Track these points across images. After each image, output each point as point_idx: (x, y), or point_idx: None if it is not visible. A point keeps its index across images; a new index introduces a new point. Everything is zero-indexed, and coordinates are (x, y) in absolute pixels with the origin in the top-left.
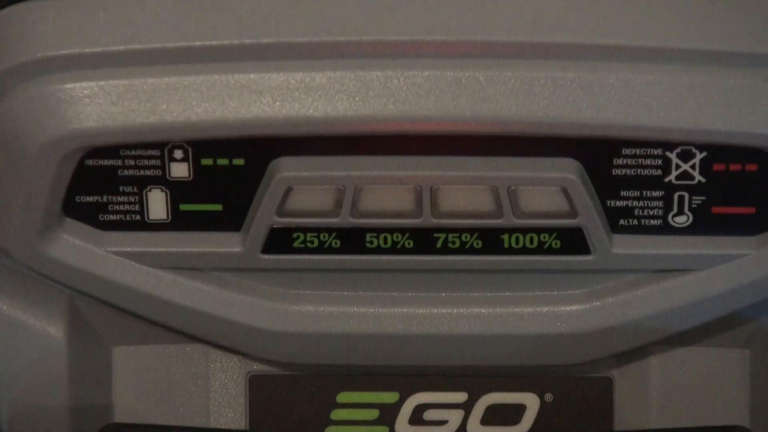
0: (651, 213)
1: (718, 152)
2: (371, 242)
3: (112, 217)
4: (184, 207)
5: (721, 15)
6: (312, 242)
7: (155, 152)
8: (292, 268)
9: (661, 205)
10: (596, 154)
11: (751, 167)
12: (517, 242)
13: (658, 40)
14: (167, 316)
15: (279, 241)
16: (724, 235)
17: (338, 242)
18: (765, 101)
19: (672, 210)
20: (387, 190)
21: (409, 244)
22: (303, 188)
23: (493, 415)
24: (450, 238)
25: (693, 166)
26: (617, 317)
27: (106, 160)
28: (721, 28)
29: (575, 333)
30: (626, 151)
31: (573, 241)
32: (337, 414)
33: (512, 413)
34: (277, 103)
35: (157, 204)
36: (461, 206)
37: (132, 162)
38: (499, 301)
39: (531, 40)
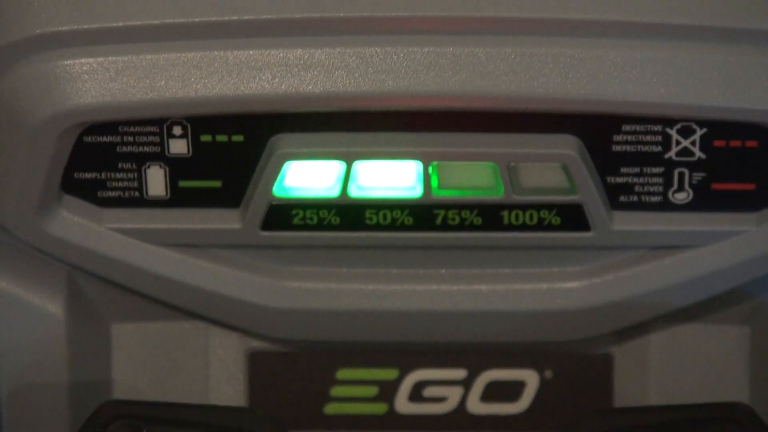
0: (651, 189)
1: (718, 128)
2: (371, 219)
3: (111, 193)
4: (183, 184)
5: None
6: (311, 219)
7: (154, 129)
8: (291, 245)
9: (661, 182)
10: (596, 130)
11: (752, 144)
12: (516, 219)
13: (658, 17)
14: (166, 293)
15: (278, 217)
16: (724, 211)
17: (338, 219)
18: (765, 77)
19: (672, 186)
20: (386, 166)
21: (408, 220)
22: (302, 164)
23: (492, 392)
24: (449, 215)
25: (693, 143)
26: (617, 294)
27: (104, 137)
28: (722, 3)
29: (575, 309)
30: (626, 128)
31: (573, 218)
32: (336, 391)
33: (512, 390)
34: (276, 79)
35: (156, 181)
36: (461, 182)
37: (131, 138)
38: (498, 278)
39: (531, 16)
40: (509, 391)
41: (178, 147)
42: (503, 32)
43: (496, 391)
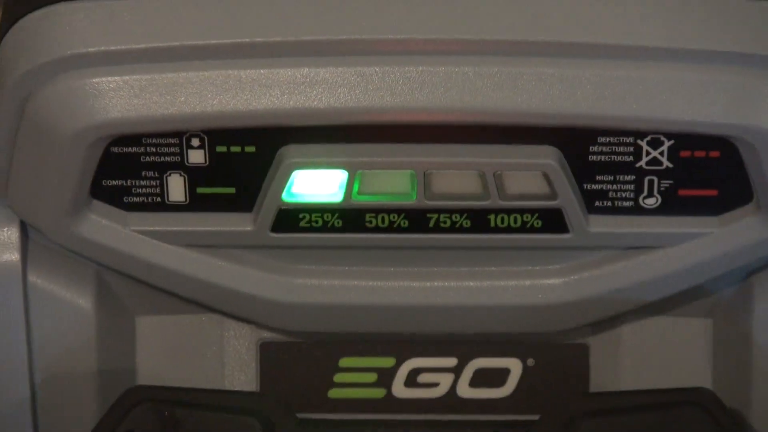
0: (623, 195)
1: (684, 140)
2: (370, 222)
3: (136, 199)
4: (200, 190)
5: (686, 16)
6: (316, 222)
7: (174, 140)
8: (298, 246)
9: (632, 188)
10: (574, 141)
11: (714, 154)
12: (502, 222)
13: (630, 40)
14: (185, 289)
15: (286, 221)
16: (689, 215)
17: (340, 222)
18: (726, 94)
19: (642, 192)
20: (384, 174)
21: (404, 223)
22: (309, 173)
23: (480, 378)
24: (441, 218)
25: (662, 153)
26: (592, 290)
27: (129, 148)
28: (686, 28)
29: (555, 304)
30: (601, 139)
31: (553, 221)
32: (339, 377)
33: (498, 376)
34: (285, 95)
35: (176, 187)
36: (452, 189)
37: (153, 149)
38: (485, 275)
39: (515, 39)
40: (495, 377)
41: (196, 157)
42: (490, 53)
43: (483, 378)
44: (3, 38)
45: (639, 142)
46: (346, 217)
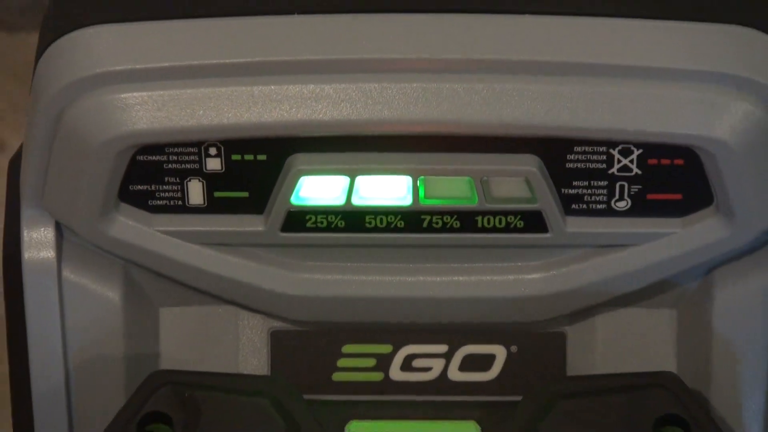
0: (597, 199)
1: (651, 149)
2: (369, 223)
3: (159, 202)
4: (217, 194)
5: (654, 39)
6: (321, 222)
7: (194, 149)
8: (305, 244)
9: (605, 193)
10: (553, 150)
11: (678, 162)
12: (488, 222)
13: (604, 59)
14: (204, 283)
15: (295, 222)
16: (656, 216)
17: (343, 223)
18: (688, 108)
19: (614, 196)
20: (383, 180)
21: (400, 224)
22: (315, 179)
23: (468, 363)
24: (434, 219)
25: (631, 161)
26: (569, 283)
27: (153, 156)
28: (654, 49)
29: (535, 296)
30: (577, 149)
31: (534, 222)
32: (342, 362)
33: (484, 361)
34: (293, 109)
35: (196, 192)
36: (443, 193)
37: (175, 157)
38: (473, 271)
39: (500, 58)
40: (482, 362)
41: (214, 164)
42: (477, 71)
43: (471, 363)
44: (39, 58)
45: (611, 151)
46: (348, 219)
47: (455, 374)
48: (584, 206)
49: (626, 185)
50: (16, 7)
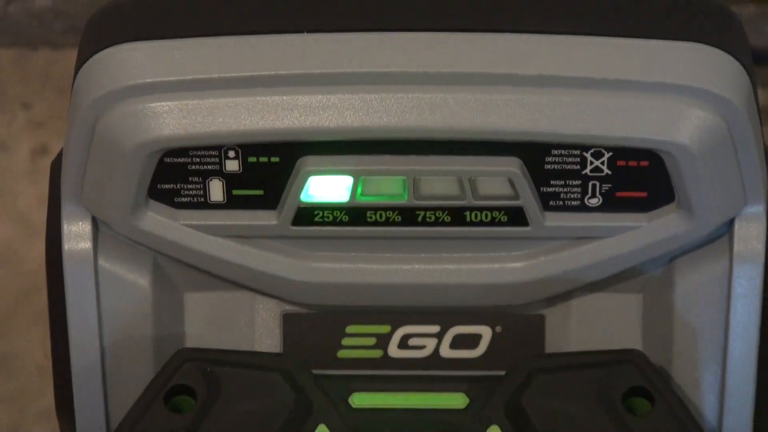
0: (572, 196)
1: (620, 152)
2: (370, 217)
3: (184, 199)
4: (235, 192)
5: (622, 54)
6: (328, 217)
7: (214, 152)
8: (313, 236)
9: (579, 191)
10: (533, 153)
11: (644, 163)
12: (475, 217)
13: (578, 72)
14: (223, 271)
15: (304, 216)
16: (624, 212)
17: (347, 217)
18: (653, 116)
19: (587, 194)
20: (382, 179)
21: (397, 218)
22: (322, 178)
23: (458, 342)
24: (427, 215)
25: (602, 163)
26: (548, 271)
27: (179, 158)
28: (622, 64)
29: (517, 282)
30: (554, 152)
31: (516, 217)
32: (346, 341)
33: (472, 340)
34: (303, 117)
35: (216, 190)
36: (435, 191)
37: (198, 160)
38: (462, 260)
39: (485, 72)
40: (470, 341)
41: (232, 166)
42: (466, 83)
43: (460, 341)
44: (78, 72)
45: (584, 154)
46: (352, 214)
47: (446, 352)
48: (561, 203)
49: (598, 184)
50: (59, 28)
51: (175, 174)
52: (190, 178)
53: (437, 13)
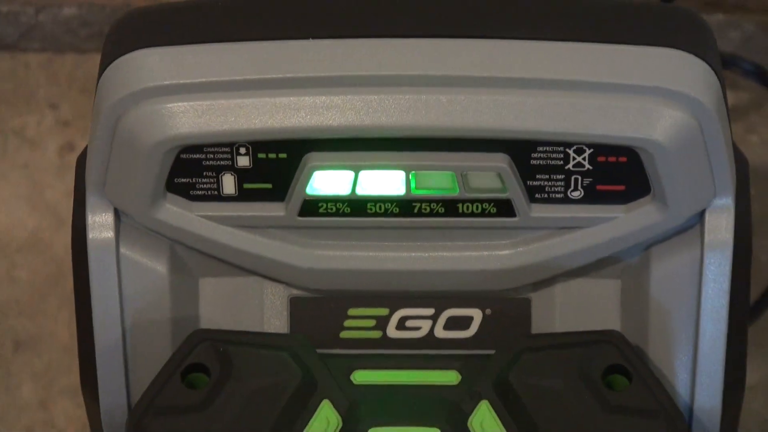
0: (556, 190)
1: (600, 149)
2: (370, 209)
3: (199, 192)
4: (246, 186)
5: (602, 59)
6: (331, 209)
7: (227, 149)
8: (317, 227)
9: (562, 185)
10: (520, 150)
11: (623, 159)
12: (467, 209)
13: (561, 75)
14: (235, 258)
15: (309, 208)
16: (604, 204)
17: (348, 209)
18: (630, 115)
19: (570, 187)
20: (381, 174)
21: (395, 210)
22: (326, 173)
23: (451, 324)
24: (423, 206)
25: (584, 158)
26: (533, 258)
27: (194, 155)
28: (602, 67)
29: (505, 269)
30: (540, 149)
31: (504, 209)
32: (348, 323)
33: (464, 322)
34: (308, 116)
35: (228, 183)
36: (431, 185)
37: (211, 156)
38: (455, 248)
39: (476, 75)
40: (462, 323)
41: (243, 161)
42: (458, 85)
43: (453, 323)
44: (101, 75)
45: (567, 150)
46: (353, 206)
47: (440, 332)
48: (545, 195)
49: (580, 178)
50: (84, 35)
51: (191, 169)
52: (204, 173)
53: (432, 21)
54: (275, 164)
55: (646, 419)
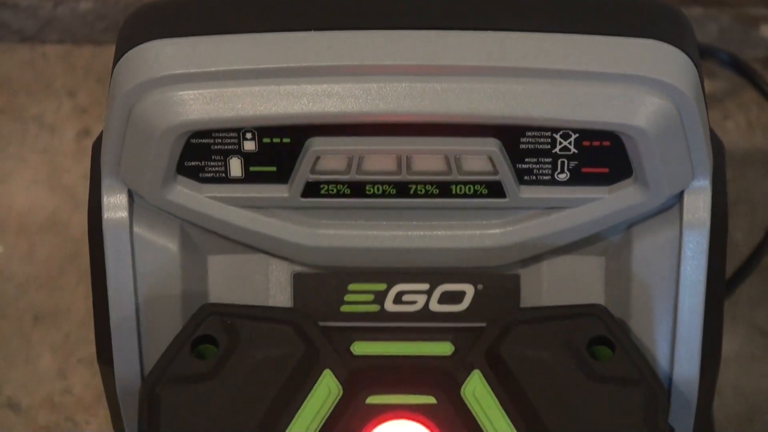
0: (544, 172)
1: (585, 134)
2: (369, 190)
3: (208, 174)
4: (252, 168)
5: (586, 48)
6: (332, 190)
7: (234, 135)
8: (319, 207)
9: (550, 168)
10: (510, 135)
11: (606, 143)
12: (460, 190)
13: (548, 64)
14: (242, 236)
15: (311, 189)
16: (589, 185)
17: (348, 190)
18: (613, 102)
19: (557, 170)
20: (379, 157)
21: (392, 191)
22: (327, 157)
23: (445, 298)
24: (418, 188)
25: (570, 143)
26: (522, 236)
27: (203, 139)
28: (587, 57)
29: (496, 246)
30: (528, 134)
31: (495, 190)
32: (348, 297)
33: (457, 297)
34: (310, 103)
35: (235, 166)
36: (426, 167)
37: (220, 140)
38: (449, 227)
39: (469, 64)
40: (455, 297)
41: (249, 146)
42: (452, 74)
43: (447, 298)
44: (116, 64)
45: (554, 135)
46: (353, 187)
47: (435, 306)
48: (533, 177)
49: (566, 161)
50: (100, 27)
51: (200, 153)
52: (212, 157)
53: (427, 13)
54: (279, 148)
55: (629, 387)
